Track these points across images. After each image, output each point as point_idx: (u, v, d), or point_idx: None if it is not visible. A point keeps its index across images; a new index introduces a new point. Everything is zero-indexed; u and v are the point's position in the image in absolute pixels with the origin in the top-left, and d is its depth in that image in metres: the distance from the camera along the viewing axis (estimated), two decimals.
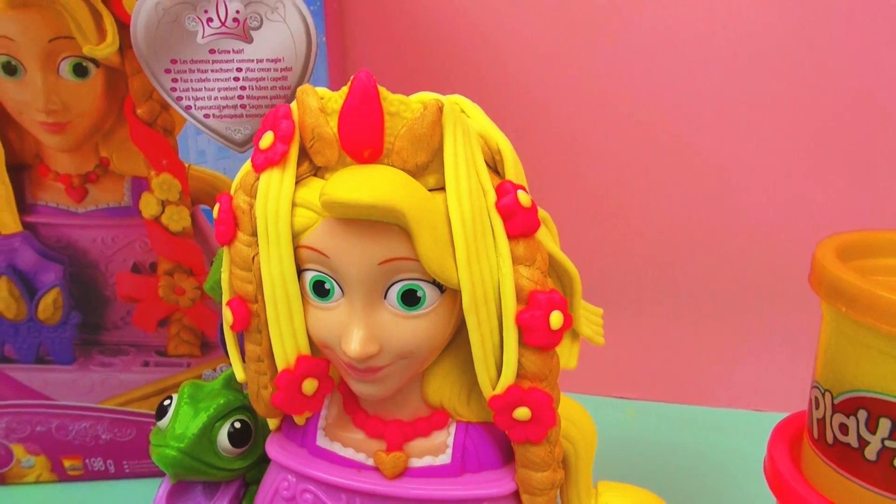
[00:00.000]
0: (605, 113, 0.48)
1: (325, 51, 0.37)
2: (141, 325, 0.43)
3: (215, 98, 0.38)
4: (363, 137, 0.25)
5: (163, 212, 0.40)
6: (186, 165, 0.39)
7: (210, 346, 0.44)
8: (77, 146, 0.39)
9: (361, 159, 0.26)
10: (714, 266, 0.51)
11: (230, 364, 0.44)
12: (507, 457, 0.31)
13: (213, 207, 0.40)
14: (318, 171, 0.27)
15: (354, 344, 0.26)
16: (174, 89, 0.37)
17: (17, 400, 0.44)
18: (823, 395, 0.23)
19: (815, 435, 0.23)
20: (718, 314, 0.52)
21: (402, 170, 0.25)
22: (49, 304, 0.41)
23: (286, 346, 0.28)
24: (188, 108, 0.38)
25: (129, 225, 0.41)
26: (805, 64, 0.44)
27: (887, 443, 0.20)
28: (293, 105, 0.27)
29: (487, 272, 0.26)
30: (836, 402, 0.22)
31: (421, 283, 0.26)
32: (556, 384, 0.29)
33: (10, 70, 0.37)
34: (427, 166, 0.26)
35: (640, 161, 0.49)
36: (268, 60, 0.37)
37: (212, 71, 0.37)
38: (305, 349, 0.28)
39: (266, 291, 0.27)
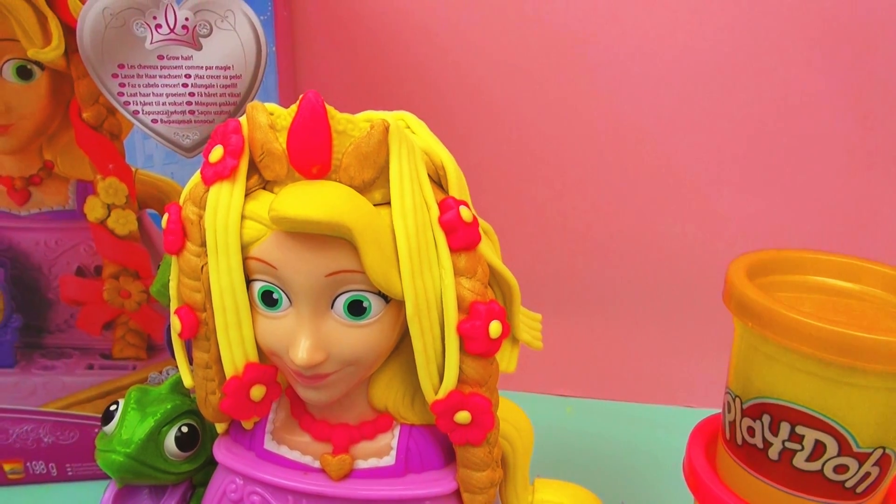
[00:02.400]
0: (546, 132, 0.50)
1: (275, 59, 0.38)
2: (85, 328, 0.43)
3: (163, 103, 0.38)
4: (311, 155, 0.26)
5: (108, 215, 0.40)
6: (134, 170, 0.39)
7: (156, 348, 0.44)
8: (20, 149, 0.39)
9: (310, 175, 0.27)
10: (646, 273, 0.53)
11: (176, 367, 0.45)
12: (449, 457, 0.33)
13: (160, 211, 0.40)
14: (266, 185, 0.28)
15: (302, 352, 0.27)
16: (121, 94, 0.37)
17: None
18: (734, 400, 0.25)
19: (728, 436, 0.26)
20: (650, 317, 0.55)
21: (349, 186, 0.26)
22: None
23: (234, 354, 0.29)
24: (136, 112, 0.38)
25: (74, 228, 0.40)
26: (731, 91, 0.47)
27: (787, 444, 0.23)
28: (242, 119, 0.28)
29: (430, 284, 0.28)
30: (744, 406, 0.24)
31: (367, 294, 0.27)
32: (495, 389, 0.30)
33: None
34: (373, 182, 0.27)
35: (579, 176, 0.51)
36: (217, 68, 0.37)
37: (160, 77, 0.37)
38: (254, 356, 0.29)
39: (215, 301, 0.28)
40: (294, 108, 0.26)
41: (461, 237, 0.28)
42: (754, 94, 0.47)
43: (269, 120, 0.27)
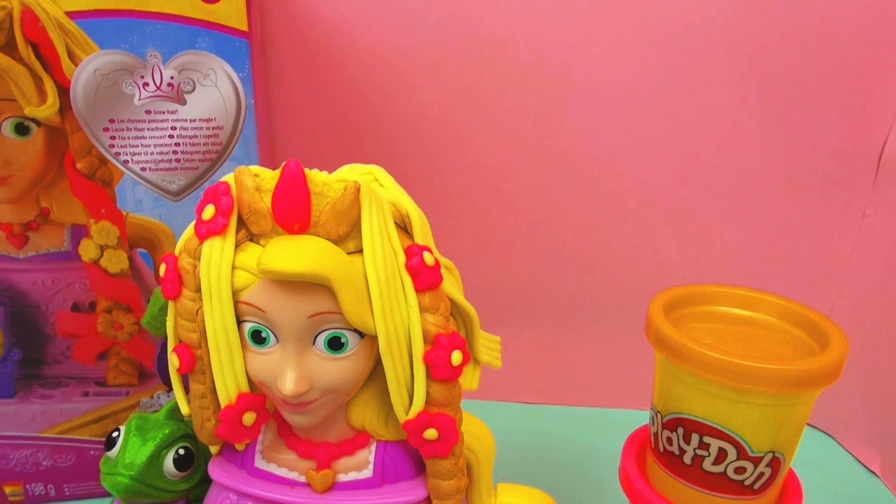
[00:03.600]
0: (502, 165, 0.54)
1: (253, 111, 0.42)
2: (81, 358, 0.46)
3: (151, 153, 0.41)
4: (293, 215, 0.30)
5: (101, 255, 0.43)
6: (124, 213, 0.42)
7: (147, 375, 0.47)
8: (19, 197, 0.42)
9: (292, 231, 0.30)
10: (597, 289, 0.58)
11: (165, 391, 0.48)
12: (420, 468, 0.37)
13: (149, 251, 0.44)
14: (253, 237, 0.32)
15: (289, 384, 0.31)
16: (112, 146, 0.41)
17: None
18: (657, 415, 0.29)
19: (653, 445, 0.30)
20: (602, 328, 0.59)
21: (327, 239, 0.30)
22: None
23: (228, 386, 0.32)
24: (126, 162, 0.41)
25: (69, 268, 0.43)
26: (669, 126, 0.52)
27: (697, 451, 0.27)
28: (230, 180, 0.31)
29: (399, 320, 0.32)
30: (664, 420, 0.29)
31: (344, 331, 0.31)
32: (458, 408, 0.34)
33: None
34: (347, 235, 0.31)
35: (532, 203, 0.55)
36: (200, 120, 0.41)
37: (148, 129, 0.41)
38: (245, 387, 0.33)
39: (210, 341, 0.32)
40: (277, 172, 0.30)
41: (425, 279, 0.32)
42: (690, 130, 0.52)
43: (255, 182, 0.31)
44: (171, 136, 0.41)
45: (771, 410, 0.26)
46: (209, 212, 0.31)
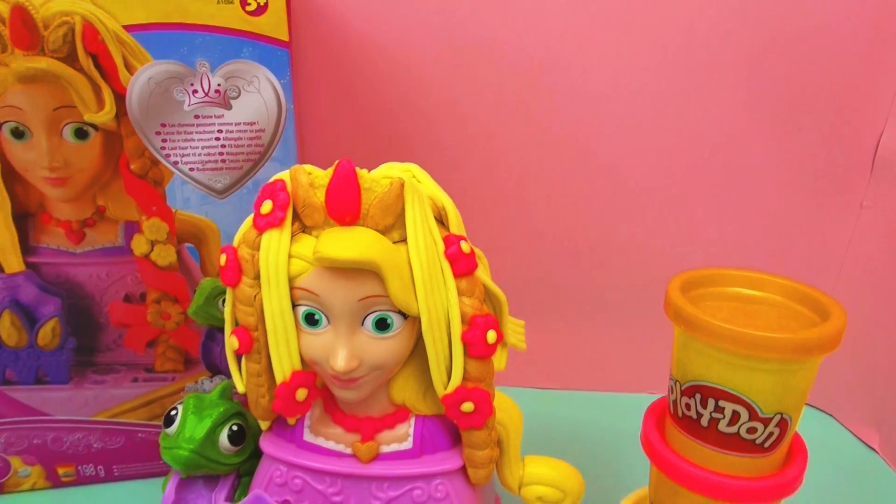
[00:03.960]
0: (523, 162, 0.57)
1: (293, 115, 0.45)
2: (131, 346, 0.49)
3: (199, 154, 0.44)
4: (345, 208, 0.33)
5: (152, 250, 0.46)
6: (174, 211, 0.45)
7: (192, 362, 0.50)
8: (77, 197, 0.45)
9: (343, 223, 0.34)
10: (611, 279, 0.61)
11: (209, 377, 0.52)
12: (455, 440, 0.40)
13: (196, 245, 0.47)
14: (306, 229, 0.35)
15: (341, 361, 0.34)
16: (163, 148, 0.44)
17: (16, 417, 0.49)
18: (675, 384, 0.33)
19: (672, 411, 0.33)
20: (614, 317, 0.62)
21: (374, 230, 0.34)
22: (48, 332, 0.47)
23: (283, 364, 0.36)
24: (175, 163, 0.44)
25: (122, 262, 0.47)
26: (676, 124, 0.55)
27: (713, 414, 0.31)
28: (285, 177, 0.35)
29: (440, 303, 0.35)
30: (682, 388, 0.32)
31: (390, 313, 0.35)
32: (492, 384, 0.38)
33: (18, 134, 0.43)
34: (393, 226, 0.34)
35: (553, 196, 0.58)
36: (244, 123, 0.44)
37: (196, 132, 0.44)
38: (298, 366, 0.36)
39: (268, 323, 0.35)
40: (330, 171, 0.33)
41: (462, 266, 0.35)
42: (695, 128, 0.55)
43: (309, 179, 0.34)
44: (217, 139, 0.44)
45: (779, 376, 0.29)
46: (267, 206, 0.34)
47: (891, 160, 0.53)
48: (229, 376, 0.41)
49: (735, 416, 0.30)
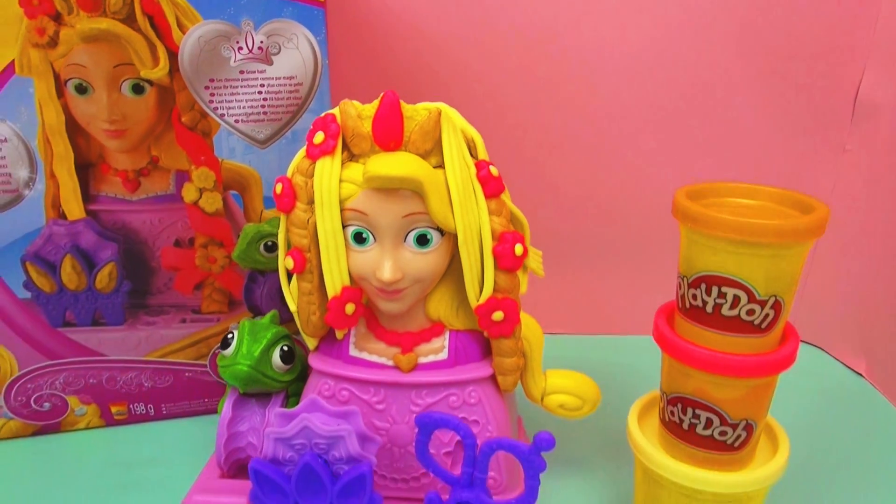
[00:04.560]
0: (526, 115, 0.62)
1: (328, 70, 0.49)
2: (180, 289, 0.53)
3: (243, 107, 0.49)
4: (390, 134, 0.38)
5: (200, 197, 0.50)
6: (220, 160, 0.49)
7: (235, 303, 0.54)
8: (133, 148, 0.49)
9: (388, 148, 0.38)
10: (623, 230, 0.66)
11: (249, 318, 0.56)
12: (485, 353, 0.44)
13: (240, 192, 0.51)
14: (354, 158, 0.39)
15: (387, 272, 0.39)
16: (211, 101, 0.48)
17: (74, 358, 0.53)
18: (682, 280, 0.37)
19: (680, 305, 0.38)
20: (611, 265, 0.68)
21: (416, 154, 0.38)
22: (105, 276, 0.51)
23: (335, 280, 0.40)
24: (222, 115, 0.49)
25: (173, 209, 0.50)
26: (667, 75, 0.60)
27: (717, 300, 0.35)
28: (336, 112, 0.39)
29: (473, 220, 0.39)
30: (689, 282, 0.37)
31: (429, 230, 0.39)
32: (518, 296, 0.42)
33: (81, 90, 0.47)
34: (431, 151, 0.39)
35: (555, 146, 0.63)
36: (284, 78, 0.49)
37: (241, 87, 0.48)
38: (347, 282, 0.40)
39: (321, 242, 0.39)
40: (376, 103, 0.38)
41: (492, 187, 0.40)
42: (687, 79, 0.59)
43: (357, 111, 0.38)
44: (259, 92, 0.48)
45: (772, 261, 0.34)
46: (319, 137, 0.39)
47: (870, 105, 0.58)
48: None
49: (736, 300, 0.35)
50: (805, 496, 0.48)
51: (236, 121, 0.49)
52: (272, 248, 0.51)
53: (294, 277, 0.42)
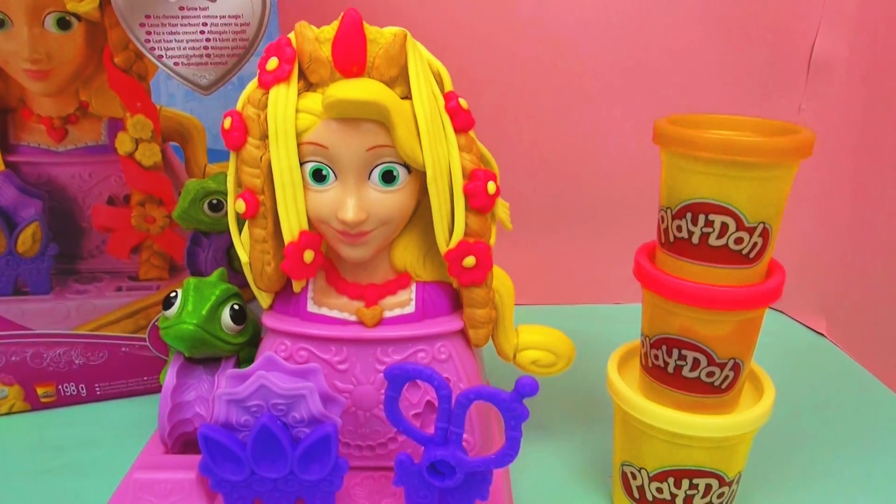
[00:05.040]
0: (522, 81, 0.61)
1: (276, 9, 0.46)
2: (115, 252, 0.48)
3: (184, 48, 0.44)
4: (352, 57, 0.35)
5: (136, 149, 0.46)
6: (158, 107, 0.45)
7: (177, 269, 0.50)
8: (59, 91, 0.44)
9: (350, 74, 0.35)
10: (598, 196, 0.65)
11: None
12: (455, 306, 0.42)
13: (181, 144, 0.47)
14: (310, 87, 0.36)
15: (350, 212, 0.36)
16: (148, 41, 0.44)
17: None
18: (666, 212, 0.35)
19: (662, 240, 0.36)
20: (588, 232, 0.67)
21: (380, 81, 0.35)
22: (28, 238, 0.46)
23: (292, 224, 0.37)
24: (160, 57, 0.44)
25: (106, 161, 0.46)
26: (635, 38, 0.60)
27: (703, 230, 0.33)
28: (291, 36, 0.36)
29: (442, 155, 0.37)
30: (673, 213, 0.35)
31: (396, 165, 0.36)
32: (489, 240, 0.40)
33: None
34: (397, 80, 0.36)
35: (536, 114, 0.62)
36: (229, 17, 0.45)
37: (181, 25, 0.44)
38: (306, 226, 0.37)
39: (276, 181, 0.36)
40: (336, 23, 0.35)
41: (461, 120, 0.37)
42: (650, 44, 0.59)
43: (314, 34, 0.35)
44: (202, 32, 0.44)
45: (760, 183, 0.32)
46: (273, 63, 0.35)
47: (823, 65, 0.58)
48: None
49: (724, 228, 0.33)
50: (779, 453, 0.47)
51: (176, 63, 0.45)
52: (217, 206, 0.47)
53: (246, 224, 0.38)
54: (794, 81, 0.60)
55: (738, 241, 0.33)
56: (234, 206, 0.37)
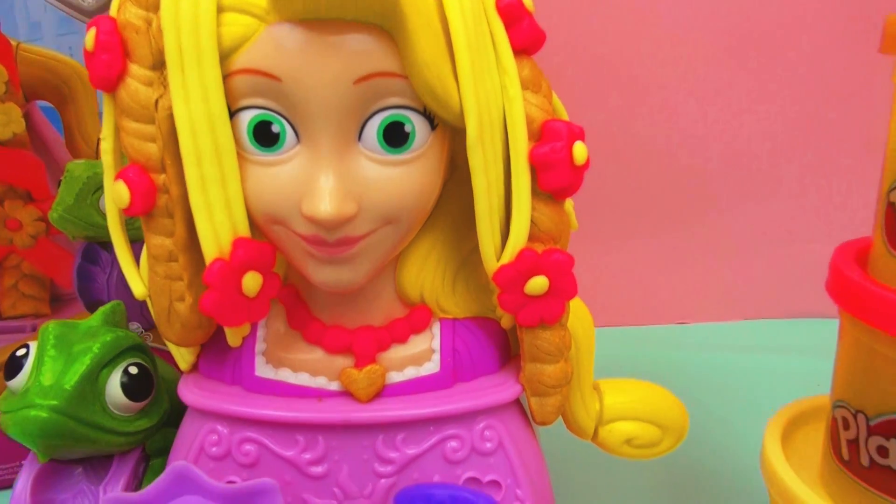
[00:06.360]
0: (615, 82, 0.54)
1: None
2: None
3: None
4: None
5: None
6: (14, 44, 0.30)
7: (63, 299, 0.36)
8: None
9: None
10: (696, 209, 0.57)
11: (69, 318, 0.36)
12: (504, 358, 0.26)
13: (56, 103, 0.31)
14: None
15: (325, 203, 0.20)
16: None
17: None
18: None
19: (889, 233, 0.20)
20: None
21: None
22: None
23: (217, 226, 0.21)
24: None
25: None
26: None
27: None
28: None
29: (492, 93, 0.21)
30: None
31: (408, 114, 0.20)
32: (567, 246, 0.24)
33: None
34: None
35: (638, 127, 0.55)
36: None
37: None
38: (243, 228, 0.21)
39: (183, 147, 0.20)
40: None
41: (524, 31, 0.21)
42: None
43: None
44: None
45: None
46: None
47: None
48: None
49: None
50: None
51: None
52: None
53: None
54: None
55: None
56: (110, 193, 0.21)
